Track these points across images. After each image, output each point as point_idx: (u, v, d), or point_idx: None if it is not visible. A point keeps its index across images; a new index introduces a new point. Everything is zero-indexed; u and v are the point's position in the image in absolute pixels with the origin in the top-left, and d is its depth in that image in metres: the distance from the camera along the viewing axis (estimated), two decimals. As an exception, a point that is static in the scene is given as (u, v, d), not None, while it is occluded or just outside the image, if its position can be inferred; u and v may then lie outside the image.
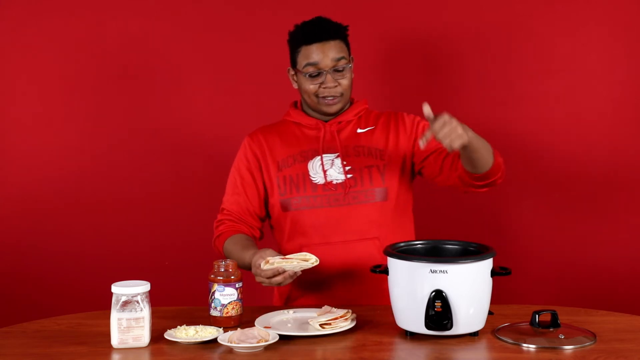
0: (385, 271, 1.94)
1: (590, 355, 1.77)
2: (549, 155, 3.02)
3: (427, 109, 1.96)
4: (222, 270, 2.00)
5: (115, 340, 1.84)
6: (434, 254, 2.03)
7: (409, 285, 1.87)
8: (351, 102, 2.41)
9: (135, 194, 3.08)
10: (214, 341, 1.87)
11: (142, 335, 1.85)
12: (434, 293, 1.83)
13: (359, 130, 2.36)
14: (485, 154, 2.09)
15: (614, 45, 2.99)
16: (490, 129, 3.02)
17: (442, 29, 3.03)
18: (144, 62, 3.06)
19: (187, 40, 3.06)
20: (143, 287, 1.86)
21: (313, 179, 2.28)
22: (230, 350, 1.82)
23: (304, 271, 2.09)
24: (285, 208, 2.31)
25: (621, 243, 3.03)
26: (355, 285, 2.28)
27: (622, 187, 3.02)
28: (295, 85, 2.38)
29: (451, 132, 1.93)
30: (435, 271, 1.83)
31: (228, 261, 2.02)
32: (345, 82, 2.30)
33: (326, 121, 2.36)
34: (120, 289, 1.85)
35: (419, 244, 2.05)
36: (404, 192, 2.34)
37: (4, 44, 3.05)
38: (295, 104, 2.44)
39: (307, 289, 2.32)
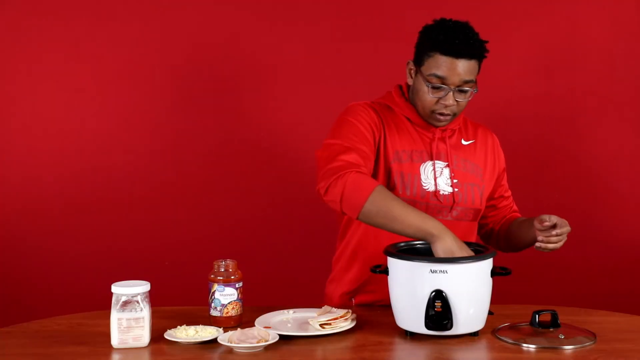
0: (385, 271, 1.94)
1: (590, 355, 1.77)
2: (549, 155, 3.03)
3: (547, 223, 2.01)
4: (222, 270, 2.00)
5: (115, 340, 1.84)
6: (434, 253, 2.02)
7: (409, 285, 1.87)
8: None
9: (135, 194, 3.08)
10: (214, 341, 1.87)
11: (142, 335, 1.85)
12: (434, 293, 1.83)
13: (464, 142, 2.24)
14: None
15: (614, 45, 3.00)
16: (491, 129, 3.03)
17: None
18: (143, 62, 3.06)
19: (185, 41, 3.06)
20: (143, 287, 1.86)
21: (424, 184, 2.15)
22: (230, 350, 1.82)
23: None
24: None
25: (621, 243, 3.03)
26: None
27: (622, 187, 3.02)
28: (410, 81, 2.19)
29: (561, 240, 2.03)
30: (435, 271, 1.83)
31: (228, 261, 2.02)
32: (463, 103, 2.13)
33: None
34: (120, 289, 1.85)
35: (418, 244, 2.04)
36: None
37: (4, 44, 3.05)
38: (400, 88, 2.23)
39: (379, 291, 2.19)
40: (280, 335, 1.86)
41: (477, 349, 1.84)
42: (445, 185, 2.16)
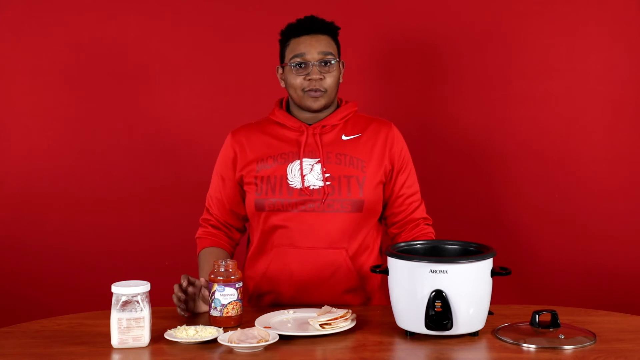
0: (385, 271, 1.94)
1: (590, 355, 1.77)
2: (549, 155, 3.02)
3: None
4: (222, 270, 2.01)
5: (115, 340, 1.85)
6: (434, 254, 2.03)
7: (409, 285, 1.87)
8: (339, 104, 2.37)
9: (135, 194, 3.08)
10: (214, 341, 1.87)
11: (142, 335, 1.85)
12: (434, 293, 1.83)
13: (344, 137, 2.32)
14: None
15: (614, 45, 3.00)
16: (490, 129, 3.03)
17: (440, 29, 3.03)
18: (143, 62, 3.06)
19: (186, 41, 3.06)
20: (143, 287, 1.87)
21: (290, 182, 2.26)
22: (230, 350, 1.82)
23: (272, 270, 2.27)
24: (259, 208, 2.28)
25: (621, 243, 3.03)
26: (317, 293, 2.26)
27: (621, 187, 3.02)
28: (282, 84, 2.35)
29: None
30: (435, 271, 1.83)
31: (228, 261, 2.02)
32: (330, 78, 2.27)
33: (310, 124, 2.32)
34: (120, 289, 1.85)
35: (418, 244, 2.05)
36: (377, 205, 2.33)
37: (4, 44, 3.05)
38: (280, 103, 2.39)
39: (270, 289, 2.31)
40: (280, 335, 1.87)
41: (477, 349, 1.84)
42: (315, 180, 2.26)
